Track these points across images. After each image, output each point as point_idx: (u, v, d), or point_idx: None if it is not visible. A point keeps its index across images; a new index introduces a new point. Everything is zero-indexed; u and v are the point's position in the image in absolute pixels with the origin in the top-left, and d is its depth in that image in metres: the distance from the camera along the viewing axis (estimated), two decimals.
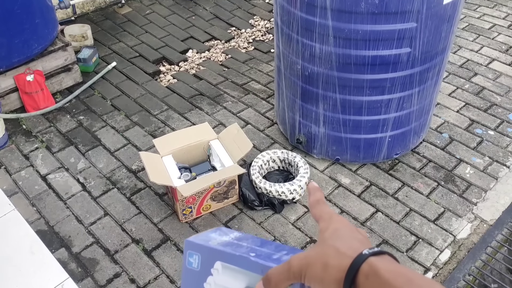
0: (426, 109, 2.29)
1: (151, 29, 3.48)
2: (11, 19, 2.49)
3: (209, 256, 0.55)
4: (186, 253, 0.56)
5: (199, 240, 0.56)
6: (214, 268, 0.54)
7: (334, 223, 0.51)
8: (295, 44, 2.10)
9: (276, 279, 0.50)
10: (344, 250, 0.47)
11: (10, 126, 2.63)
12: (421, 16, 1.85)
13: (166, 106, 2.80)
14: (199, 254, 0.55)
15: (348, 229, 0.51)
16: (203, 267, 0.55)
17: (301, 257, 0.49)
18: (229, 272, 0.54)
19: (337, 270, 0.46)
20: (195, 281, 0.56)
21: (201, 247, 0.55)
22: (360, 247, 0.47)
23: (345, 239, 0.49)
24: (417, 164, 2.41)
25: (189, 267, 0.56)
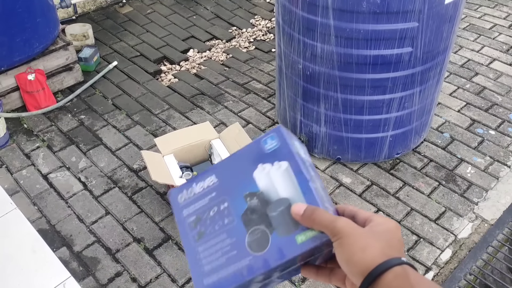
0: (427, 109, 2.29)
1: (152, 28, 3.49)
2: (13, 18, 2.49)
3: (283, 153, 0.56)
4: (269, 134, 0.57)
5: (289, 136, 0.57)
6: (279, 163, 0.55)
7: (391, 224, 0.53)
8: (296, 44, 2.10)
9: (316, 218, 0.51)
10: (388, 249, 0.49)
11: (11, 125, 2.63)
12: (423, 16, 1.85)
13: (167, 105, 2.80)
14: (279, 144, 0.56)
15: (399, 237, 0.53)
16: (271, 155, 0.56)
17: (349, 224, 0.51)
18: (286, 177, 0.55)
19: (372, 258, 0.48)
20: (256, 155, 0.57)
21: (286, 142, 0.56)
22: (402, 255, 0.50)
23: (394, 241, 0.51)
24: (418, 164, 2.41)
25: (263, 144, 0.57)
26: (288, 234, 0.52)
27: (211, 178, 0.59)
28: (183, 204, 0.61)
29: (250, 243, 0.54)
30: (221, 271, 0.54)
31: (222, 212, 0.57)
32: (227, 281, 0.54)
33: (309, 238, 0.51)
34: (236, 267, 0.54)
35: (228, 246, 0.55)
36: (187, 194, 0.61)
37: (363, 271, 0.48)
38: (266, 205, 0.55)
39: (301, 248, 0.51)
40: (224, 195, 0.58)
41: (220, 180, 0.59)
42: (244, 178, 0.57)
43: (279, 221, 0.53)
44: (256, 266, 0.53)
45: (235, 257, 0.54)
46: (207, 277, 0.55)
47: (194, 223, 0.59)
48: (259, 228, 0.54)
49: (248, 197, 0.56)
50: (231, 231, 0.55)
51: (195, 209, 0.59)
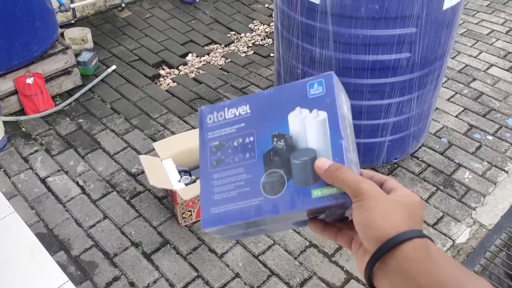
0: (425, 114, 2.29)
1: (151, 32, 3.49)
2: (12, 21, 2.50)
3: (325, 103, 0.53)
4: (318, 78, 0.55)
5: (336, 87, 0.54)
6: (317, 112, 0.53)
7: (417, 198, 0.51)
8: (295, 49, 2.11)
9: (340, 175, 0.49)
10: (409, 219, 0.48)
11: (9, 128, 2.63)
12: (421, 21, 1.86)
13: (165, 109, 2.80)
14: (324, 92, 0.54)
15: (422, 214, 0.51)
16: (310, 100, 0.54)
17: (375, 188, 0.49)
18: (320, 128, 0.53)
19: (392, 226, 0.46)
20: (296, 97, 0.55)
21: (331, 92, 0.53)
22: (419, 228, 0.49)
23: (416, 218, 0.49)
24: (416, 169, 2.42)
25: (308, 87, 0.55)
26: (305, 186, 0.51)
27: (244, 107, 0.57)
28: (209, 125, 0.59)
29: (264, 184, 0.53)
30: (229, 204, 0.54)
31: (246, 145, 0.56)
32: (233, 216, 0.53)
33: (325, 195, 0.50)
34: (245, 204, 0.53)
35: (243, 181, 0.54)
36: (217, 117, 0.59)
37: (381, 238, 0.47)
38: (291, 151, 0.53)
39: (314, 203, 0.50)
40: (252, 128, 0.56)
41: (253, 112, 0.57)
42: (278, 117, 0.55)
43: (300, 170, 0.52)
44: (264, 208, 0.52)
45: (247, 194, 0.53)
46: (215, 206, 0.55)
47: (215, 148, 0.57)
48: (278, 172, 0.53)
49: (275, 137, 0.54)
50: (249, 167, 0.54)
51: (220, 134, 0.58)
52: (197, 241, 2.06)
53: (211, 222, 0.54)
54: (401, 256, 0.45)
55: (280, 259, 1.99)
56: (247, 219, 0.53)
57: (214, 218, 0.54)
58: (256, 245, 2.04)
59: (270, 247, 2.04)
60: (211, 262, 1.98)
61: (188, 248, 2.03)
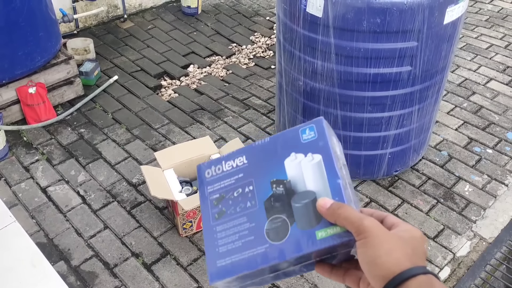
0: (426, 127, 2.31)
1: (153, 43, 3.52)
2: (15, 31, 2.51)
3: (319, 147, 0.55)
4: (309, 124, 0.56)
5: (327, 131, 0.56)
6: (312, 155, 0.54)
7: (418, 233, 0.52)
8: (297, 61, 2.12)
9: (343, 213, 0.50)
10: (414, 256, 0.48)
11: (11, 138, 2.64)
12: (422, 36, 1.88)
13: (167, 120, 2.81)
14: (316, 136, 0.55)
15: (424, 250, 0.52)
16: (305, 145, 0.55)
17: (377, 225, 0.49)
18: (316, 170, 0.54)
19: (396, 264, 0.47)
20: (290, 144, 0.56)
21: (322, 136, 0.55)
22: (423, 264, 0.50)
23: (419, 250, 0.50)
24: (417, 181, 2.43)
25: (300, 133, 0.56)
26: (308, 228, 0.52)
27: (241, 158, 0.58)
28: (208, 179, 0.60)
29: (268, 231, 0.53)
30: (235, 255, 0.54)
31: (246, 194, 0.56)
32: (240, 266, 0.53)
33: (330, 235, 0.50)
34: (251, 253, 0.53)
35: (246, 231, 0.54)
36: (215, 170, 0.60)
37: (386, 276, 0.47)
38: (291, 195, 0.54)
39: (319, 244, 0.51)
40: (251, 178, 0.57)
41: (249, 162, 0.58)
42: (274, 164, 0.56)
43: (302, 213, 0.52)
44: (271, 255, 0.52)
45: (252, 242, 0.53)
46: (221, 259, 0.55)
47: (216, 201, 0.58)
48: (280, 217, 0.53)
49: (274, 184, 0.55)
50: (251, 216, 0.55)
51: (220, 187, 0.58)
52: (197, 252, 2.06)
53: (218, 275, 0.54)
54: None
55: None
56: (254, 268, 0.53)
57: (221, 270, 0.54)
58: None
59: None
60: None
61: (188, 259, 2.03)
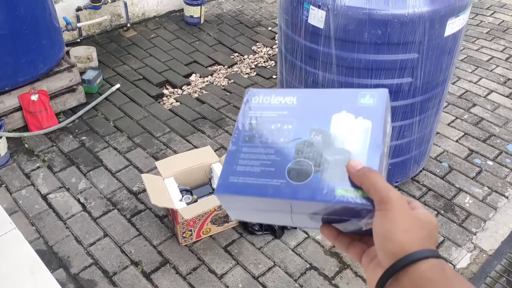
0: (427, 138, 2.31)
1: (155, 52, 3.54)
2: (19, 39, 2.53)
3: (372, 114, 0.54)
4: (372, 91, 0.55)
5: (387, 104, 0.55)
6: (363, 119, 0.54)
7: (434, 220, 0.51)
8: (298, 71, 2.14)
9: (371, 177, 0.49)
10: (427, 239, 0.48)
11: (12, 144, 2.64)
12: (423, 48, 1.89)
13: (168, 128, 2.82)
14: (374, 105, 0.55)
15: (436, 238, 0.52)
16: (359, 109, 0.55)
17: (402, 200, 0.48)
18: (362, 134, 0.53)
19: (410, 243, 0.46)
20: (345, 102, 0.55)
21: (380, 106, 0.54)
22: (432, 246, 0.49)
23: (432, 238, 0.50)
24: (417, 193, 2.43)
25: (360, 96, 0.56)
26: (330, 181, 0.51)
27: (291, 98, 0.58)
28: (253, 104, 0.60)
29: (290, 170, 0.53)
30: (250, 178, 0.54)
31: (283, 131, 0.56)
32: (250, 189, 0.53)
33: (348, 195, 0.49)
34: (266, 182, 0.53)
35: (270, 161, 0.54)
36: (262, 99, 0.60)
37: (398, 253, 0.46)
38: (326, 147, 0.53)
39: (335, 199, 0.50)
40: (294, 118, 0.56)
41: (299, 104, 0.57)
42: (322, 115, 0.55)
43: (330, 166, 0.52)
44: (283, 191, 0.52)
45: (271, 173, 0.53)
46: (235, 176, 0.54)
47: (252, 125, 0.58)
48: (307, 162, 0.53)
49: (314, 131, 0.54)
50: (280, 150, 0.54)
51: (261, 115, 0.58)
52: (197, 261, 2.05)
53: (226, 189, 0.54)
54: (415, 275, 0.45)
55: (280, 281, 1.98)
56: (263, 196, 0.52)
57: (231, 186, 0.54)
58: (256, 266, 2.03)
59: (270, 268, 2.03)
60: (211, 282, 1.96)
61: (188, 268, 2.02)
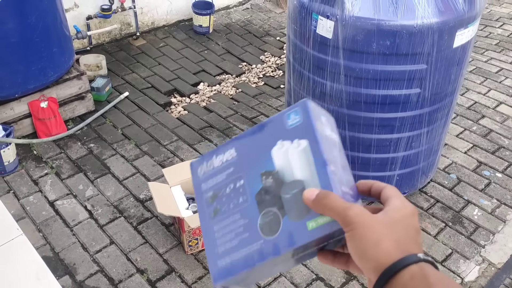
0: (435, 149, 2.30)
1: (164, 61, 3.56)
2: (30, 47, 2.56)
3: (305, 131, 0.52)
4: (294, 108, 0.54)
5: (313, 113, 0.53)
6: (299, 141, 0.52)
7: (409, 209, 0.50)
8: (306, 81, 2.14)
9: (330, 205, 0.48)
10: (403, 244, 0.46)
11: (21, 151, 2.66)
12: (431, 59, 1.89)
13: (176, 137, 2.83)
14: (301, 121, 0.53)
15: (416, 226, 0.50)
16: (291, 131, 0.53)
17: (365, 213, 0.47)
18: (303, 157, 0.52)
19: (386, 255, 0.46)
20: (276, 132, 0.54)
21: (309, 119, 0.53)
22: (416, 249, 0.47)
23: (410, 233, 0.48)
24: (425, 204, 2.41)
25: (285, 118, 0.54)
26: (299, 219, 0.50)
27: (230, 151, 0.57)
28: (202, 177, 0.59)
29: (262, 226, 0.52)
30: (233, 254, 0.54)
31: (237, 190, 0.55)
32: (239, 265, 0.53)
33: (320, 225, 0.49)
34: (248, 250, 0.53)
35: (241, 228, 0.54)
36: (207, 166, 0.59)
37: (378, 268, 0.46)
38: (280, 186, 0.52)
39: (311, 235, 0.49)
40: (241, 172, 0.56)
41: (239, 154, 0.56)
42: (262, 155, 0.54)
43: (292, 204, 0.51)
44: (266, 251, 0.51)
45: (247, 240, 0.53)
46: (221, 259, 0.54)
47: (211, 199, 0.57)
48: (272, 211, 0.52)
49: (264, 175, 0.54)
50: (244, 211, 0.54)
51: (213, 184, 0.58)
52: (202, 270, 2.04)
53: (220, 276, 0.55)
54: (399, 286, 0.45)
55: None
56: (252, 266, 0.52)
57: (222, 271, 0.54)
58: None
59: (276, 279, 2.02)
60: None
61: (193, 277, 2.02)
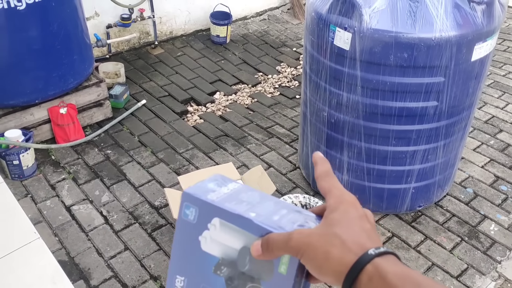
0: (451, 163, 2.28)
1: (181, 70, 3.60)
2: (51, 54, 2.61)
3: (207, 211, 0.53)
4: (183, 205, 0.54)
5: (198, 193, 0.54)
6: (211, 224, 0.53)
7: (345, 204, 0.49)
8: (322, 92, 2.15)
9: (274, 246, 0.48)
10: (350, 244, 0.46)
11: (39, 156, 2.71)
12: (449, 72, 1.88)
13: (191, 145, 2.85)
14: (196, 207, 0.53)
15: (358, 215, 0.49)
16: (199, 221, 0.53)
17: (303, 234, 0.47)
18: (226, 229, 0.52)
19: (339, 264, 0.45)
20: (190, 233, 0.54)
21: (199, 201, 0.53)
22: (367, 242, 0.46)
23: (354, 229, 0.47)
24: (441, 218, 2.38)
25: (185, 218, 0.54)
26: (271, 273, 0.51)
27: (179, 279, 0.57)
28: None
29: None
30: None
31: None
32: None
33: (288, 263, 0.50)
34: None
35: None
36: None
37: (339, 279, 0.45)
38: (235, 266, 0.53)
39: (290, 276, 0.50)
40: (200, 283, 0.56)
41: (186, 276, 0.57)
42: (200, 258, 0.55)
43: (255, 269, 0.52)
44: None
45: None
46: None
47: None
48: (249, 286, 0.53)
49: (217, 271, 0.54)
50: None
51: None
52: None
53: None
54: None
55: None
56: None
57: None
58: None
59: None
60: None
61: None
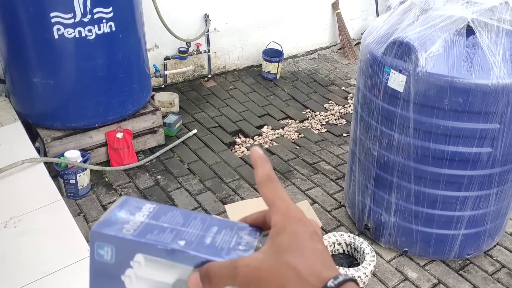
0: (504, 212, 2.22)
1: (232, 103, 3.71)
2: (114, 81, 2.78)
3: (126, 248, 0.44)
4: (94, 245, 0.45)
5: (110, 229, 0.45)
6: (134, 261, 0.45)
7: (292, 222, 0.43)
8: (373, 131, 2.17)
9: (218, 280, 0.42)
10: (306, 276, 0.41)
11: (94, 177, 2.83)
12: (505, 119, 1.87)
13: (238, 175, 2.91)
14: (112, 246, 0.44)
15: (308, 234, 0.43)
16: (119, 260, 0.45)
17: (251, 266, 0.42)
18: (154, 265, 0.44)
19: None
20: (109, 274, 0.45)
21: (114, 238, 0.44)
22: (323, 271, 0.42)
23: (306, 255, 0.42)
24: (490, 268, 2.30)
25: (100, 260, 0.45)
26: None
27: None
28: None
29: None
30: None
31: None
32: None
33: None
34: None
35: None
36: None
37: None
38: None
39: None
40: None
41: None
42: None
43: None
44: None
45: None
46: None
47: None
48: None
49: None
50: None
51: None
52: None
53: None
54: None
55: None
56: None
57: None
58: None
59: None
60: None
61: None
